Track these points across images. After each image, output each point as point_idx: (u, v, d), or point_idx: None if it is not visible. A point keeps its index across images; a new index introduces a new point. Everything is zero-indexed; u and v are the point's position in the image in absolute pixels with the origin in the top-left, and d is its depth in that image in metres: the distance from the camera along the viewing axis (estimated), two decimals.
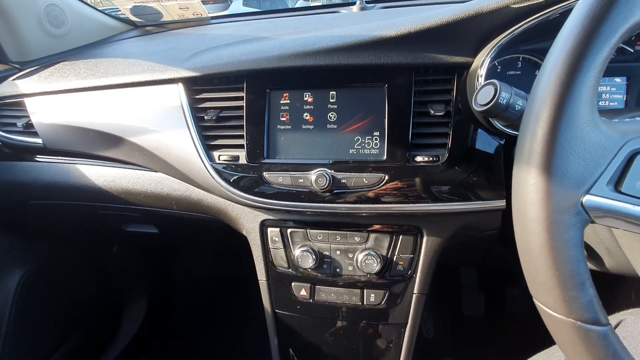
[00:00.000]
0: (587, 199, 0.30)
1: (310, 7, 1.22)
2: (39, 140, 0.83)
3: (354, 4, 1.03)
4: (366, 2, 1.02)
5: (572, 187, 0.29)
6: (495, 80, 0.43)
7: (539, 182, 0.30)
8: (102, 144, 0.78)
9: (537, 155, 0.30)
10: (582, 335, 0.30)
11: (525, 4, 0.54)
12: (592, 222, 0.31)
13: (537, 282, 0.32)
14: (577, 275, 0.29)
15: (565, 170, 0.29)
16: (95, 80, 0.77)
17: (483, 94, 0.43)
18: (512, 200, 0.34)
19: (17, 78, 0.87)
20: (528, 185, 0.31)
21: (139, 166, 0.79)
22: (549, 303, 0.31)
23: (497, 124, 0.58)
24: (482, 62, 0.57)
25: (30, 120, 0.82)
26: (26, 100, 0.82)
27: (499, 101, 0.41)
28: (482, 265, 1.24)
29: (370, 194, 0.63)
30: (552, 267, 0.30)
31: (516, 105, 0.42)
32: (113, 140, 0.76)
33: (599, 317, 0.31)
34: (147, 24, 1.15)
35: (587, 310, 0.30)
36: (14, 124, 0.84)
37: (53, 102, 0.81)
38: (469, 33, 0.59)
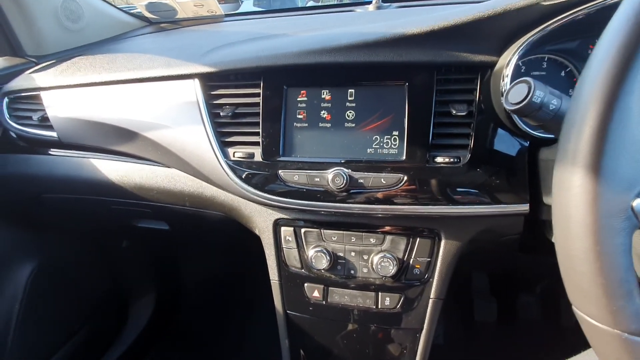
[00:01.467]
0: (639, 203, 0.28)
1: (325, 5, 1.21)
2: (54, 134, 0.83)
3: (369, 3, 1.01)
4: (382, 1, 1.01)
5: (623, 190, 0.28)
6: (528, 78, 0.41)
7: (585, 183, 0.28)
8: (117, 139, 0.77)
9: (584, 155, 0.28)
10: (628, 347, 0.28)
11: (556, 1, 0.52)
12: None
13: (580, 291, 0.30)
14: (625, 284, 0.27)
15: (616, 172, 0.27)
16: (111, 75, 0.77)
17: (515, 92, 0.41)
18: (554, 204, 0.32)
19: (34, 72, 0.87)
20: (573, 187, 0.29)
21: (153, 162, 0.78)
22: (593, 313, 0.30)
23: (522, 125, 0.57)
24: (508, 62, 0.55)
25: (45, 113, 0.82)
26: (42, 94, 0.82)
27: (533, 100, 0.39)
28: (496, 271, 1.22)
29: (388, 195, 0.61)
30: (598, 274, 0.28)
31: (550, 105, 0.40)
32: (127, 135, 0.76)
33: None
34: (162, 21, 1.15)
35: (634, 321, 0.28)
36: (30, 117, 0.85)
37: (69, 96, 0.80)
38: (494, 31, 0.57)
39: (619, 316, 0.28)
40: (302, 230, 0.70)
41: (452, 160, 0.60)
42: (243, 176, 0.67)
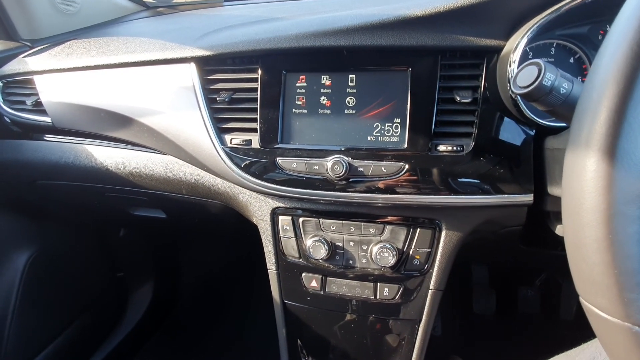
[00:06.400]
0: None
1: None
2: (48, 119, 0.81)
3: None
4: None
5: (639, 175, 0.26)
6: (538, 60, 0.39)
7: (600, 167, 0.26)
8: (111, 124, 0.76)
9: (600, 137, 0.26)
10: (638, 341, 0.27)
11: None
12: None
13: (589, 281, 0.29)
14: (638, 275, 0.26)
15: (633, 155, 0.26)
16: (105, 58, 0.74)
17: (525, 74, 0.39)
18: (564, 191, 0.31)
19: (27, 56, 0.85)
20: (586, 171, 0.27)
21: (148, 148, 0.77)
22: (602, 304, 0.28)
23: (529, 112, 0.55)
24: (516, 46, 0.53)
25: (39, 98, 0.80)
26: (35, 78, 0.81)
27: (543, 83, 0.37)
28: (495, 263, 1.21)
29: (388, 184, 0.60)
30: (610, 264, 0.26)
31: (561, 88, 0.38)
32: (122, 120, 0.74)
33: None
34: (159, 5, 1.12)
35: None
36: (23, 102, 0.83)
37: (62, 80, 0.79)
38: (503, 13, 0.54)
39: (630, 309, 0.26)
40: (300, 219, 0.69)
41: (455, 148, 0.58)
42: (240, 164, 0.65)
